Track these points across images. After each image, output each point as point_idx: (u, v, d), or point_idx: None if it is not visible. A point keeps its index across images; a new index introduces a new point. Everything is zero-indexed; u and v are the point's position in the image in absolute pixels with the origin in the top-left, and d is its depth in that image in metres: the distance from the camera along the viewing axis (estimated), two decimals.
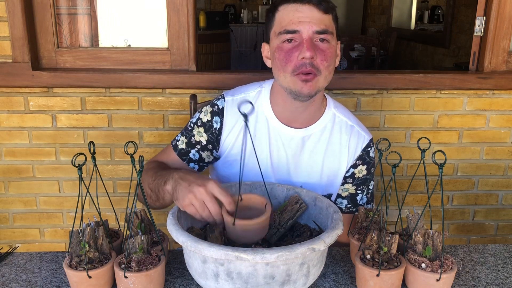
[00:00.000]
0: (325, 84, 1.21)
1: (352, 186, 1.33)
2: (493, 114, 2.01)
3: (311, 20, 1.15)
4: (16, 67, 1.85)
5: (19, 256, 1.13)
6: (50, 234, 2.11)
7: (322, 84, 1.20)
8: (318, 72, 1.16)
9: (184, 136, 1.35)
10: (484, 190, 2.12)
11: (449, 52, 4.51)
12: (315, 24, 1.15)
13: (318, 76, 1.17)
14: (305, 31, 1.15)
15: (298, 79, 1.17)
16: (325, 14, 1.17)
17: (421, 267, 0.96)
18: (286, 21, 1.17)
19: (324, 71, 1.18)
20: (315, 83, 1.17)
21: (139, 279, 0.92)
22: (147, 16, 2.05)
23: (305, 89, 1.17)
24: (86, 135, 1.97)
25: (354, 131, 1.32)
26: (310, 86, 1.17)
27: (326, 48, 1.17)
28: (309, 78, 1.16)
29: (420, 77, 1.93)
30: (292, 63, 1.17)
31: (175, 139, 1.36)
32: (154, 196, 1.17)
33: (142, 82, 1.89)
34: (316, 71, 1.16)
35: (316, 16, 1.16)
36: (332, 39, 1.19)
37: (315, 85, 1.18)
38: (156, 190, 1.15)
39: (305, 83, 1.16)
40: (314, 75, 1.16)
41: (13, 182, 2.02)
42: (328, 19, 1.18)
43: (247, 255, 0.82)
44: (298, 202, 1.11)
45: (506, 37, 1.93)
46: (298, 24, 1.16)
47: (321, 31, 1.16)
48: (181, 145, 1.34)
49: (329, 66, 1.19)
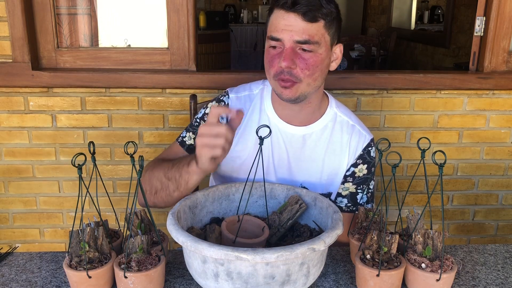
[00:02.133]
0: (310, 90, 1.21)
1: (352, 185, 1.33)
2: (493, 114, 2.01)
3: (293, 29, 1.14)
4: (16, 67, 1.85)
5: (19, 256, 1.13)
6: (50, 234, 2.11)
7: (305, 89, 1.20)
8: (298, 80, 1.17)
9: (191, 132, 1.36)
10: (484, 190, 2.12)
11: (449, 52, 4.50)
12: (296, 33, 1.14)
13: (298, 83, 1.18)
14: (286, 40, 1.16)
15: (278, 84, 1.20)
16: (312, 23, 1.15)
17: (421, 267, 0.96)
18: (273, 27, 1.18)
19: (306, 79, 1.18)
20: (295, 89, 1.19)
21: (139, 279, 0.92)
22: (147, 16, 2.05)
23: (285, 94, 1.20)
24: (86, 135, 1.97)
25: (355, 130, 1.33)
26: (289, 92, 1.19)
27: (308, 57, 1.16)
28: (288, 86, 1.18)
29: (420, 77, 1.93)
30: (274, 69, 1.19)
31: (181, 135, 1.37)
32: (173, 184, 1.15)
33: (142, 82, 1.89)
34: (295, 79, 1.17)
35: (299, 26, 1.14)
36: (318, 48, 1.17)
37: (296, 91, 1.19)
38: (176, 177, 1.14)
39: (285, 89, 1.19)
40: (292, 82, 1.18)
41: (13, 182, 2.02)
42: (316, 27, 1.15)
43: (247, 255, 0.82)
44: (298, 202, 1.11)
45: (506, 37, 1.93)
46: (281, 32, 1.16)
47: (303, 41, 1.15)
48: (189, 141, 1.35)
49: (312, 74, 1.18)
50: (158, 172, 1.21)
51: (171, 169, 1.17)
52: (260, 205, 1.18)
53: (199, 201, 1.10)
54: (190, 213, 1.07)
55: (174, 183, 1.15)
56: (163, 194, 1.19)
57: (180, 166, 1.15)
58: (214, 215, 1.14)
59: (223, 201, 1.15)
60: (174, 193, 1.17)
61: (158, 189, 1.19)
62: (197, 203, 1.10)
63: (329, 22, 1.18)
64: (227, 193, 1.15)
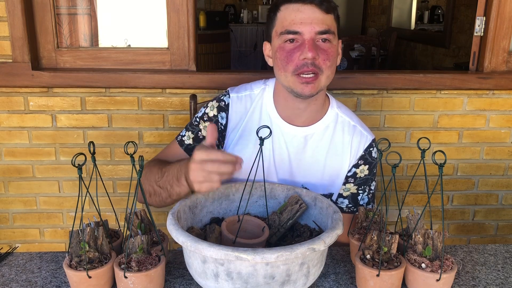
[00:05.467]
0: (327, 83, 1.23)
1: (353, 186, 1.33)
2: (493, 114, 2.01)
3: (312, 20, 1.16)
4: (16, 67, 1.85)
5: (19, 256, 1.13)
6: (50, 234, 2.11)
7: (324, 83, 1.21)
8: (320, 72, 1.18)
9: (190, 131, 1.35)
10: (484, 190, 2.12)
11: (449, 52, 4.50)
12: (317, 24, 1.16)
13: (321, 75, 1.18)
14: (307, 32, 1.16)
15: (298, 80, 1.18)
16: (327, 14, 1.18)
17: (421, 267, 0.96)
18: (288, 21, 1.18)
19: (326, 71, 1.19)
20: (317, 83, 1.19)
21: (139, 279, 0.92)
22: (147, 16, 2.05)
23: (306, 90, 1.19)
24: (86, 135, 1.97)
25: (357, 131, 1.33)
26: (311, 88, 1.18)
27: (328, 47, 1.18)
28: (310, 80, 1.18)
29: (420, 77, 1.93)
30: (293, 63, 1.18)
31: (180, 134, 1.37)
32: (165, 193, 1.14)
33: (142, 82, 1.89)
34: (318, 70, 1.17)
35: (318, 17, 1.16)
36: (333, 38, 1.20)
37: (317, 85, 1.19)
38: (167, 188, 1.13)
39: (306, 85, 1.18)
40: (316, 75, 1.17)
41: (13, 182, 2.02)
42: (330, 18, 1.19)
43: (247, 255, 0.82)
44: (298, 202, 1.11)
45: (506, 37, 1.93)
46: (299, 25, 1.16)
47: (323, 31, 1.17)
48: (187, 140, 1.35)
49: (331, 66, 1.20)
50: (150, 178, 1.19)
51: (162, 178, 1.15)
52: (260, 205, 1.18)
53: (199, 201, 1.10)
54: (190, 213, 1.07)
55: (166, 192, 1.14)
56: (157, 199, 1.18)
57: (169, 177, 1.12)
58: (214, 215, 1.14)
59: (223, 201, 1.15)
60: (167, 200, 1.16)
61: (151, 193, 1.19)
62: (197, 203, 1.10)
63: (337, 15, 1.22)
64: (227, 193, 1.16)
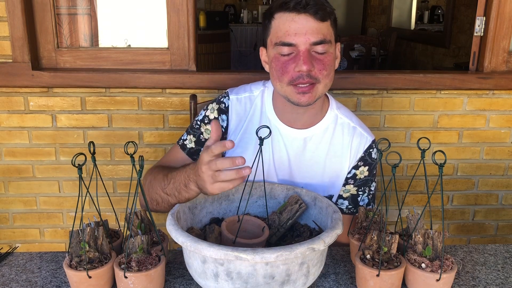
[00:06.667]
0: (325, 90, 1.21)
1: (353, 187, 1.33)
2: (493, 114, 2.01)
3: (307, 31, 1.12)
4: (16, 67, 1.85)
5: (19, 256, 1.13)
6: (50, 234, 2.11)
7: (322, 91, 1.19)
8: (317, 81, 1.16)
9: (192, 135, 1.34)
10: (484, 190, 2.12)
11: (449, 52, 4.50)
12: (311, 35, 1.12)
13: (318, 84, 1.17)
14: (301, 44, 1.13)
15: (295, 90, 1.16)
16: (323, 22, 1.14)
17: (421, 267, 0.96)
18: (282, 32, 1.14)
19: (323, 80, 1.17)
20: (314, 92, 1.17)
21: (139, 279, 0.92)
22: (147, 16, 2.05)
23: (303, 100, 1.17)
24: (86, 135, 1.97)
25: (357, 132, 1.32)
26: (308, 97, 1.17)
27: (323, 57, 1.15)
28: (307, 90, 1.16)
29: (420, 77, 1.93)
30: (289, 75, 1.16)
31: (181, 138, 1.36)
32: (173, 199, 1.11)
33: (142, 82, 1.89)
34: (315, 80, 1.16)
35: (312, 26, 1.12)
36: (330, 47, 1.17)
37: (314, 94, 1.18)
38: (175, 194, 1.11)
39: (303, 95, 1.16)
40: (312, 85, 1.16)
41: (13, 182, 2.02)
42: (326, 26, 1.15)
43: (246, 255, 0.82)
44: (298, 202, 1.11)
45: (506, 37, 1.93)
46: (294, 36, 1.13)
47: (318, 42, 1.13)
48: (189, 144, 1.34)
49: (328, 74, 1.18)
50: (156, 186, 1.17)
51: (168, 185, 1.13)
52: (260, 205, 1.18)
53: (199, 202, 1.10)
54: (189, 213, 1.07)
55: (175, 199, 1.12)
56: (165, 205, 1.16)
57: (176, 184, 1.10)
58: (214, 216, 1.14)
59: (223, 201, 1.15)
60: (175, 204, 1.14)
61: (159, 202, 1.17)
62: (196, 203, 1.10)
63: (333, 20, 1.18)
64: (227, 193, 1.15)
